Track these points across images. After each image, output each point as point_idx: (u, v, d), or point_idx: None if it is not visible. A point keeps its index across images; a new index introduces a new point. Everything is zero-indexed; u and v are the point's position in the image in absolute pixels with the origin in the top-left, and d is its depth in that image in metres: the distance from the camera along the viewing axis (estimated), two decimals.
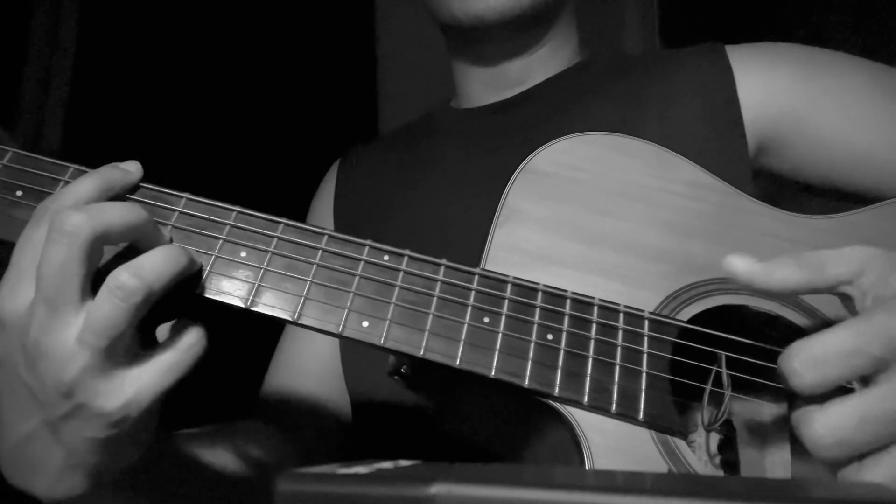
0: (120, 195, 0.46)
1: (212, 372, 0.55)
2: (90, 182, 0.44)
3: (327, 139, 1.42)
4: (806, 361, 0.37)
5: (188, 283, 0.45)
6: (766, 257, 0.51)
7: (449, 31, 0.75)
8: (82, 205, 0.42)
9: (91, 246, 0.40)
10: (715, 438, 0.53)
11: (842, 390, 0.38)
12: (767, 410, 0.54)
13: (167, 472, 0.53)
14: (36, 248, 0.41)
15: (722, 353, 0.48)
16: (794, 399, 0.52)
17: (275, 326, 0.49)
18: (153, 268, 0.41)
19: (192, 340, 0.43)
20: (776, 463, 0.52)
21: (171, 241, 0.46)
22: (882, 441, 0.36)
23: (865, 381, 0.38)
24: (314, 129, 1.61)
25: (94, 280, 0.41)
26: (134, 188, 0.47)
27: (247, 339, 0.79)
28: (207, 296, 0.45)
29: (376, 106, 1.79)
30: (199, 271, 0.45)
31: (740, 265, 0.42)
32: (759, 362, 0.48)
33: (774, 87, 0.65)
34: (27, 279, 0.41)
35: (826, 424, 0.36)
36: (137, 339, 0.43)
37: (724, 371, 0.48)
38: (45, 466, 0.43)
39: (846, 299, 0.41)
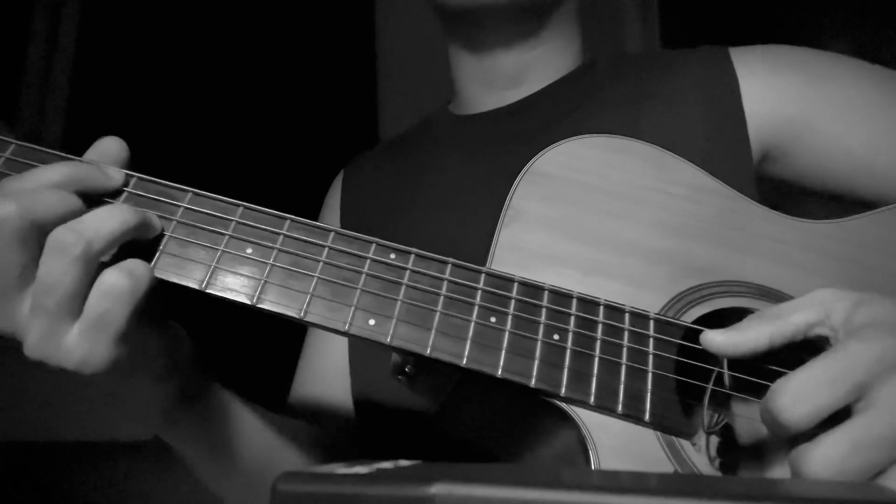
0: (92, 195, 0.45)
1: (235, 379, 0.56)
2: (62, 171, 0.44)
3: (327, 142, 1.42)
4: (791, 395, 0.38)
5: (188, 280, 0.45)
6: (766, 260, 0.52)
7: (444, 18, 0.74)
8: (50, 190, 0.42)
9: (22, 234, 0.40)
10: (714, 441, 0.53)
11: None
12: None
13: (215, 421, 0.55)
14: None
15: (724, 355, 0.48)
16: None
17: (291, 328, 0.49)
18: (93, 224, 0.41)
19: (105, 286, 0.41)
20: (775, 465, 0.52)
21: (161, 230, 0.46)
22: (879, 465, 0.37)
23: (847, 410, 0.39)
24: (313, 132, 1.61)
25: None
26: (117, 193, 0.47)
27: (269, 342, 0.79)
28: (213, 293, 0.45)
29: (376, 108, 1.79)
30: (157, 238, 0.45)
31: (715, 340, 0.45)
32: (760, 364, 0.48)
33: (778, 94, 0.64)
34: None
35: (821, 459, 0.37)
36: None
37: (726, 372, 0.48)
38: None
39: (823, 341, 0.43)
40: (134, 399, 0.49)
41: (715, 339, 0.45)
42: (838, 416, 0.38)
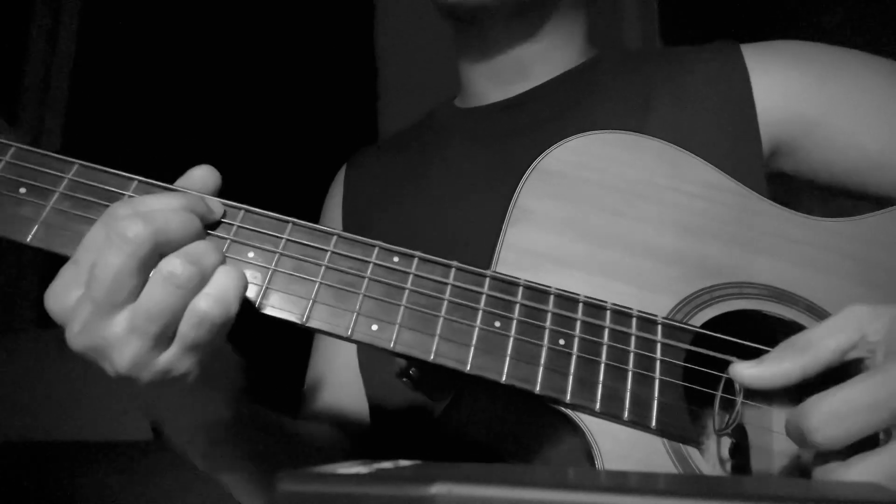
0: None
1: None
2: (179, 201, 0.44)
3: (327, 140, 1.42)
4: (826, 417, 0.37)
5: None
6: (782, 260, 0.51)
7: (447, 16, 0.73)
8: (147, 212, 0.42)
9: (147, 256, 0.40)
10: (726, 443, 0.52)
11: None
12: (777, 417, 0.53)
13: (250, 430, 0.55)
14: (95, 251, 0.41)
15: (735, 359, 0.47)
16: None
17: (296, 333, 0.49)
18: (205, 252, 0.42)
19: (203, 309, 0.41)
20: (785, 468, 0.52)
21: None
22: None
23: (888, 433, 0.38)
24: (314, 130, 1.61)
25: None
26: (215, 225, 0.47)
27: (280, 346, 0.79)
28: None
29: (376, 108, 1.79)
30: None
31: (745, 374, 0.43)
32: None
33: (790, 90, 0.64)
34: (82, 279, 0.41)
35: None
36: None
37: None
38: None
39: (857, 361, 0.42)
40: (196, 416, 0.49)
41: (744, 373, 0.43)
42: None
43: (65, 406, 1.28)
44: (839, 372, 0.42)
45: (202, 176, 0.47)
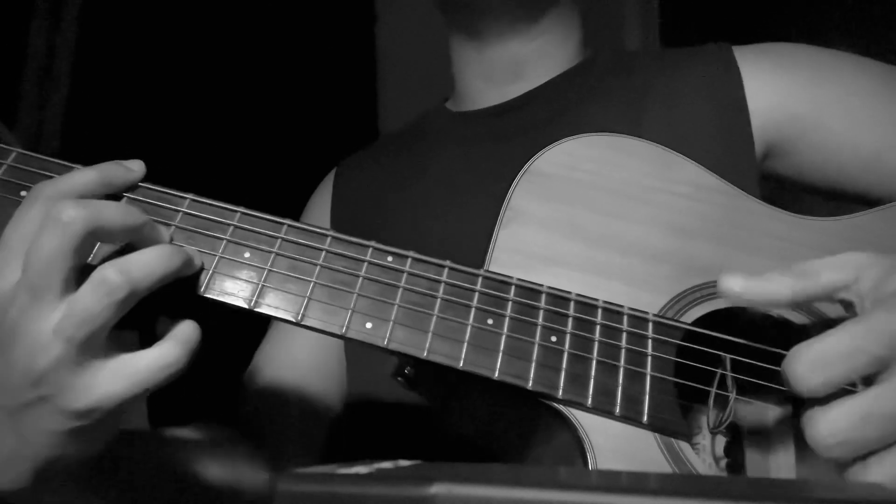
0: (119, 191, 0.46)
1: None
2: (90, 174, 0.44)
3: (327, 140, 1.42)
4: (808, 364, 0.37)
5: (188, 282, 0.45)
6: (771, 259, 0.51)
7: (445, 8, 0.74)
8: (80, 197, 0.42)
9: (83, 240, 0.40)
10: (721, 441, 0.53)
11: (847, 392, 0.38)
12: (772, 413, 0.54)
13: (127, 472, 0.52)
14: (26, 230, 0.41)
15: (726, 355, 0.48)
16: (798, 402, 0.52)
17: (254, 321, 0.48)
18: (140, 266, 0.40)
19: (171, 359, 0.41)
20: (781, 465, 0.52)
21: (171, 241, 0.46)
22: (886, 440, 0.36)
23: (868, 381, 0.38)
24: (313, 131, 1.61)
25: (83, 273, 0.41)
26: (134, 187, 0.47)
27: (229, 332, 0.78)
28: (210, 296, 0.45)
29: (376, 108, 1.79)
30: (200, 272, 0.45)
31: (734, 284, 0.43)
32: (763, 365, 0.48)
33: (782, 92, 0.64)
34: (15, 261, 0.40)
35: (829, 425, 0.36)
36: (119, 339, 0.42)
37: (729, 374, 0.48)
38: None
39: (847, 305, 0.42)
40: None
41: (735, 285, 0.42)
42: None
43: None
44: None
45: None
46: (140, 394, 0.41)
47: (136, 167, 0.47)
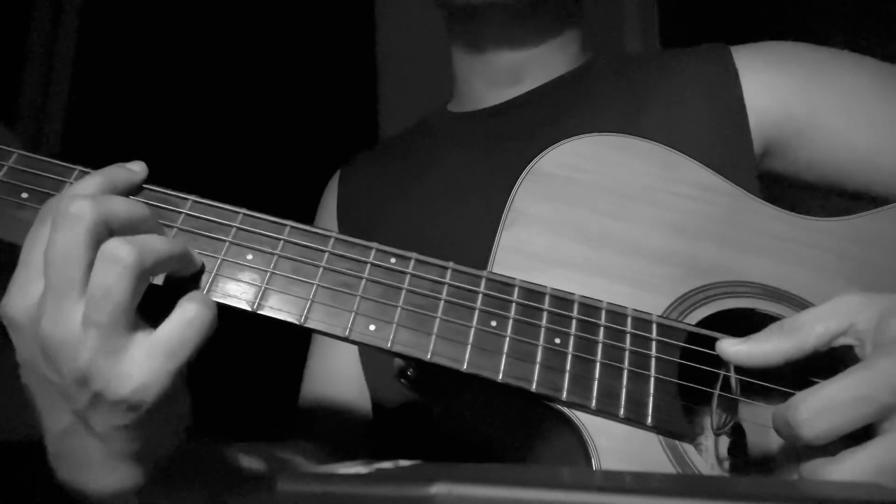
0: (123, 194, 0.46)
1: (242, 382, 0.55)
2: (94, 179, 0.44)
3: (327, 142, 1.42)
4: (814, 411, 0.38)
5: (192, 285, 0.45)
6: (774, 259, 0.51)
7: (447, 13, 0.74)
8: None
9: (95, 230, 0.40)
10: (724, 442, 0.53)
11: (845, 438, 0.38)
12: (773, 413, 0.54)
13: (211, 477, 0.53)
14: (43, 245, 0.41)
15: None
16: None
17: (298, 334, 0.48)
18: (145, 242, 0.40)
19: (191, 314, 0.41)
20: (783, 467, 0.52)
21: (202, 267, 0.46)
22: None
23: (868, 428, 0.38)
24: (314, 132, 1.61)
25: None
26: (138, 189, 0.47)
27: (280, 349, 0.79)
28: (213, 299, 0.45)
29: (376, 108, 1.78)
30: (201, 273, 0.45)
31: (727, 351, 0.44)
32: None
33: (780, 91, 0.64)
34: (36, 276, 0.40)
35: (842, 479, 0.37)
36: (143, 325, 0.42)
37: (733, 375, 0.48)
38: (88, 459, 0.43)
39: (845, 348, 0.42)
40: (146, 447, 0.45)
41: (729, 349, 0.44)
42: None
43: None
44: (833, 361, 0.42)
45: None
46: (180, 363, 0.40)
47: (137, 168, 0.47)
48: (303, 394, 0.76)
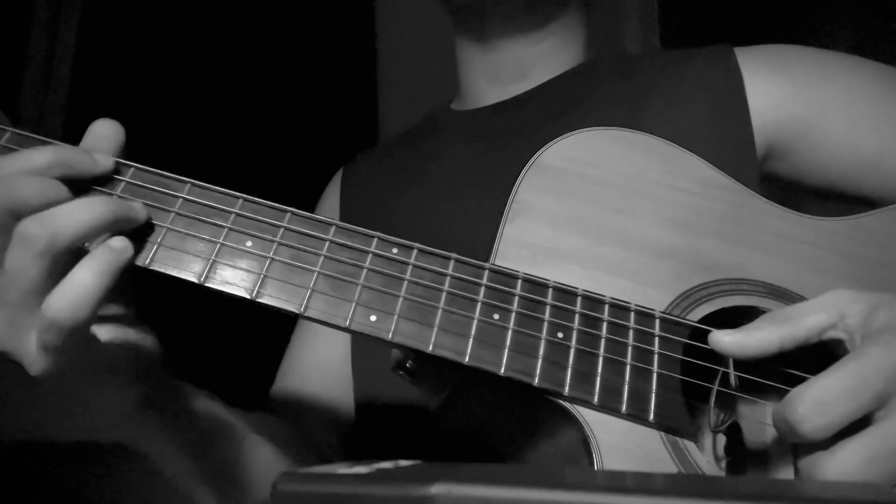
0: (79, 178, 0.44)
1: (220, 368, 0.55)
2: (46, 155, 0.43)
3: (327, 141, 1.42)
4: (812, 405, 0.38)
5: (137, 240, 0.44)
6: (776, 257, 0.51)
7: (452, 10, 0.74)
8: (37, 175, 0.42)
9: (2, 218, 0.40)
10: (722, 440, 0.52)
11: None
12: (771, 412, 0.53)
13: (189, 422, 0.53)
14: None
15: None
16: None
17: (284, 321, 0.48)
18: (61, 217, 0.40)
19: (79, 283, 0.40)
20: (780, 465, 0.52)
21: (146, 218, 0.45)
22: (894, 478, 0.36)
23: (864, 418, 0.38)
24: (314, 131, 1.61)
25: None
26: (104, 180, 0.45)
27: (259, 333, 0.78)
28: (211, 286, 0.44)
29: (376, 108, 1.79)
30: (147, 227, 0.44)
31: (720, 342, 0.44)
32: (766, 364, 0.48)
33: (783, 93, 0.64)
34: None
35: (838, 469, 0.37)
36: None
37: (732, 372, 0.47)
38: None
39: (836, 343, 0.42)
40: (94, 403, 0.48)
41: (722, 340, 0.44)
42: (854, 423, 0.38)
43: (65, 406, 1.28)
44: (825, 358, 0.42)
45: (102, 131, 0.47)
46: (77, 325, 0.40)
47: (103, 161, 0.45)
48: (276, 387, 0.75)
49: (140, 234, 0.44)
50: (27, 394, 1.22)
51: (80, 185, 0.44)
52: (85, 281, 0.40)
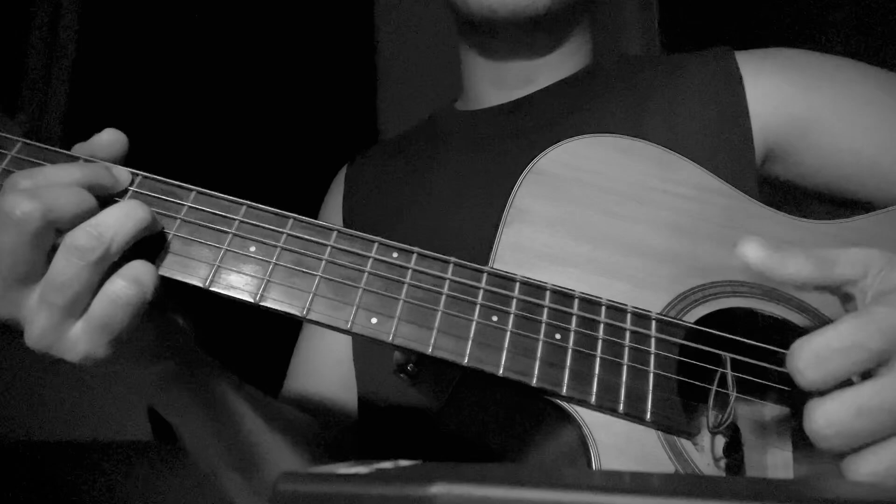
0: (102, 194, 0.45)
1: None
2: (77, 171, 0.44)
3: (327, 141, 1.42)
4: (808, 358, 0.37)
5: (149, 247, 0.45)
6: None
7: (463, 23, 0.74)
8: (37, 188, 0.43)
9: (40, 233, 0.41)
10: (720, 441, 0.53)
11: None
12: (770, 412, 0.54)
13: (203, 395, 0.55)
14: None
15: (727, 354, 0.48)
16: (796, 401, 0.52)
17: (291, 325, 0.49)
18: (112, 226, 0.42)
19: (115, 293, 0.42)
20: (779, 464, 0.52)
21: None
22: (882, 432, 0.36)
23: (868, 375, 0.37)
24: (314, 131, 1.61)
25: None
26: (142, 180, 0.47)
27: (266, 339, 0.79)
28: (216, 290, 0.45)
29: (376, 108, 1.79)
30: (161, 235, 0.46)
31: (753, 252, 0.42)
32: (763, 364, 0.49)
33: (783, 96, 0.65)
34: None
35: (826, 415, 0.36)
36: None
37: (730, 373, 0.48)
38: None
39: (847, 299, 0.42)
40: (127, 375, 0.50)
41: (756, 254, 0.42)
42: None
43: (65, 406, 1.28)
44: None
45: (108, 141, 0.48)
46: (115, 335, 0.42)
47: (123, 178, 0.47)
48: (286, 388, 0.76)
49: (148, 240, 0.45)
50: (27, 395, 1.23)
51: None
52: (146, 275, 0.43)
